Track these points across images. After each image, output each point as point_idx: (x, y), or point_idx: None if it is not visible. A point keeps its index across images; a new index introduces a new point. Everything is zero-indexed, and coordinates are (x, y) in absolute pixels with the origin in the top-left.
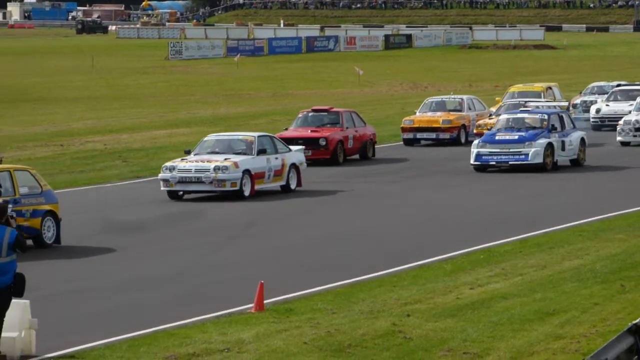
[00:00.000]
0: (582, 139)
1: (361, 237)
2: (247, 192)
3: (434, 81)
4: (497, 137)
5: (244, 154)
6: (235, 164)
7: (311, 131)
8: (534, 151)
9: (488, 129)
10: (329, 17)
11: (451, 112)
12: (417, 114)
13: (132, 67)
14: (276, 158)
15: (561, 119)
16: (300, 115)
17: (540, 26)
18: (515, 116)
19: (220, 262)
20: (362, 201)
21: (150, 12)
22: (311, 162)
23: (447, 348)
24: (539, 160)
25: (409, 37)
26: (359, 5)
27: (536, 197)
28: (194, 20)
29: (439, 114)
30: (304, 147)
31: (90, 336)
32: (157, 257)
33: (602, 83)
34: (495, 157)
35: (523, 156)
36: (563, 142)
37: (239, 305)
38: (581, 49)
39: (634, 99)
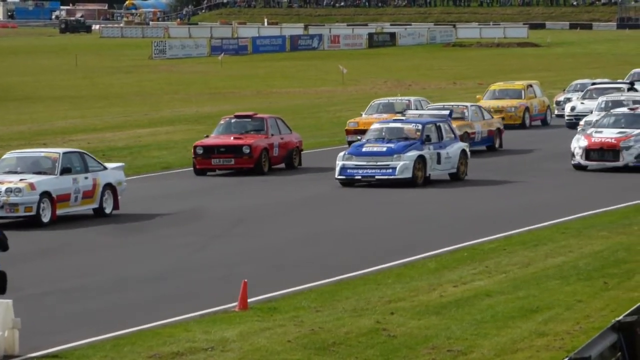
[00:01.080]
0: (463, 151)
1: (344, 235)
2: (46, 218)
3: (418, 79)
4: (364, 149)
5: (46, 173)
6: (31, 186)
7: (234, 138)
8: (402, 165)
9: None
10: (312, 15)
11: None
12: (363, 115)
13: (115, 66)
14: (86, 178)
15: (439, 129)
16: (222, 122)
17: (524, 24)
18: (387, 126)
19: (204, 261)
20: (344, 200)
21: (133, 11)
22: (234, 171)
23: (431, 346)
24: (408, 174)
25: (392, 35)
26: (342, 4)
27: (520, 195)
28: (178, 19)
29: (385, 116)
30: (123, 164)
31: (73, 335)
32: (140, 256)
33: (585, 80)
34: (361, 171)
35: (390, 170)
36: (439, 155)
37: (223, 304)
38: (565, 47)
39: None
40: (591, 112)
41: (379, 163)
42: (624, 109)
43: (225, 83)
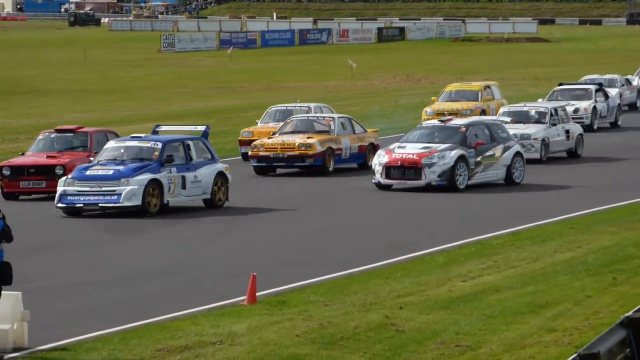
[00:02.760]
0: (221, 174)
1: (353, 230)
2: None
3: (426, 74)
4: (88, 172)
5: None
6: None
7: (47, 157)
8: (129, 190)
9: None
10: (321, 9)
11: None
12: (259, 124)
13: (124, 60)
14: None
15: (187, 148)
16: (40, 137)
17: (533, 19)
18: (124, 144)
19: (213, 254)
20: (353, 195)
21: (142, 4)
22: (46, 195)
23: (440, 340)
24: (136, 201)
25: (402, 29)
26: None
27: (527, 191)
28: (187, 13)
29: (280, 124)
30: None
31: (82, 328)
32: (149, 250)
33: (595, 76)
34: (83, 198)
35: (115, 197)
36: (184, 178)
37: (232, 297)
38: (574, 42)
39: (577, 99)
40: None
41: (103, 188)
42: (435, 121)
43: (234, 77)
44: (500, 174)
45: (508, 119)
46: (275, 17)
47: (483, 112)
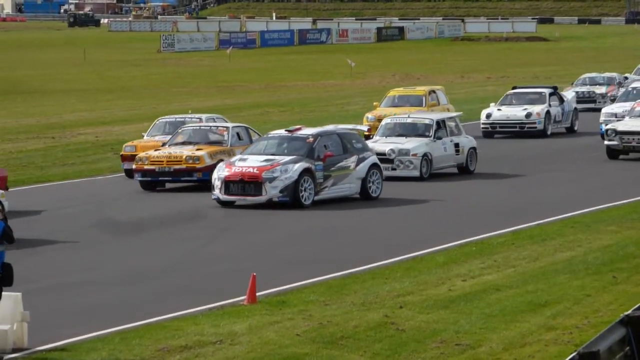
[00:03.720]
0: None
1: (353, 229)
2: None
3: (426, 73)
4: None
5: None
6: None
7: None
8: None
9: (146, 162)
10: (321, 9)
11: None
12: (145, 137)
13: (124, 60)
14: None
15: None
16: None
17: (532, 18)
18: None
19: (213, 254)
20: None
21: (142, 5)
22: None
23: (440, 339)
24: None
25: (401, 29)
26: None
27: (528, 189)
28: (186, 13)
29: (167, 138)
30: None
31: (82, 329)
32: (149, 249)
33: (593, 74)
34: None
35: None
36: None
37: (232, 297)
38: (573, 41)
39: (532, 104)
40: (507, 118)
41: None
42: (282, 131)
43: (234, 77)
44: (355, 188)
45: (365, 128)
46: (274, 17)
47: None
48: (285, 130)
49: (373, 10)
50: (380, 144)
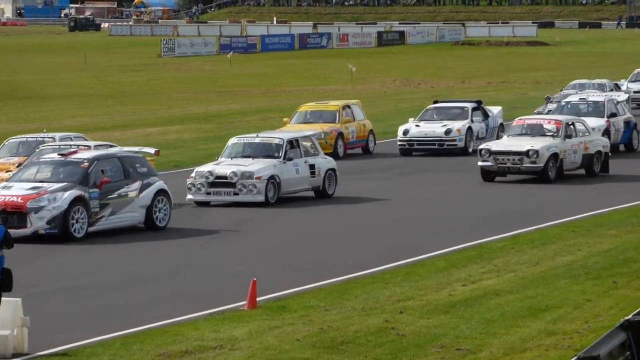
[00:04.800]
0: None
1: (353, 234)
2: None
3: (427, 78)
4: None
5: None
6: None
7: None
8: None
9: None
10: (321, 14)
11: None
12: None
13: (124, 65)
14: None
15: None
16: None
17: (533, 23)
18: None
19: (213, 259)
20: (352, 199)
21: (142, 9)
22: None
23: (440, 344)
24: None
25: (401, 33)
26: (351, 2)
27: (528, 195)
28: (187, 18)
29: (16, 159)
30: None
31: (82, 334)
32: (149, 254)
33: (583, 80)
34: None
35: None
36: None
37: (232, 302)
38: (574, 46)
39: (453, 119)
40: (425, 135)
41: None
42: (55, 155)
43: (234, 81)
44: (138, 217)
45: (152, 150)
46: (275, 22)
47: (340, 135)
48: (58, 154)
49: (374, 15)
50: (223, 166)
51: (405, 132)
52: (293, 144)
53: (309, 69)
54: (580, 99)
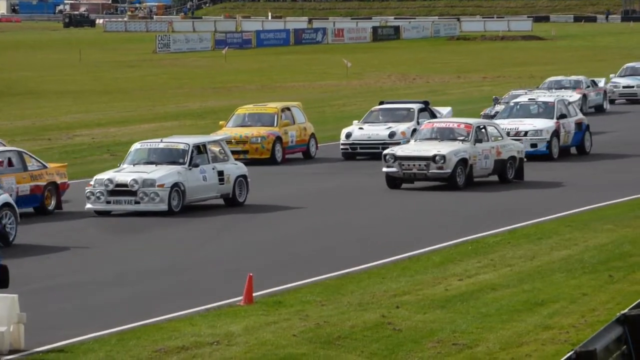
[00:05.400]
0: None
1: (349, 229)
2: None
3: (422, 73)
4: None
5: None
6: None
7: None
8: None
9: None
10: (316, 9)
11: None
12: None
13: (119, 61)
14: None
15: None
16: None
17: (528, 17)
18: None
19: (209, 255)
20: (348, 194)
21: (137, 5)
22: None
23: (437, 339)
24: None
25: (396, 28)
26: None
27: (523, 189)
28: (182, 13)
29: None
30: None
31: (79, 330)
32: (145, 251)
33: (559, 77)
34: None
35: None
36: None
37: (228, 298)
38: (569, 40)
39: (399, 121)
40: (369, 138)
41: None
42: None
43: (229, 77)
44: None
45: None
46: (270, 17)
47: (279, 139)
48: None
49: (368, 10)
50: (124, 173)
51: (348, 136)
52: (200, 149)
53: (304, 64)
54: (529, 99)
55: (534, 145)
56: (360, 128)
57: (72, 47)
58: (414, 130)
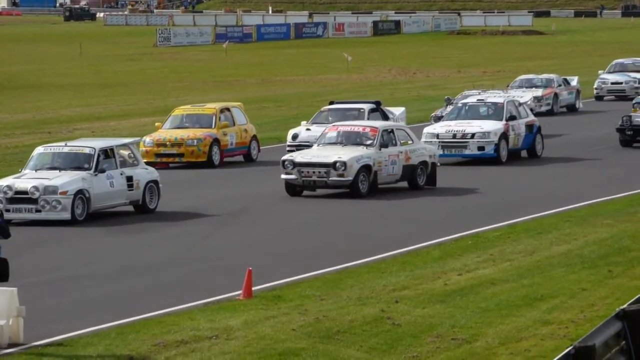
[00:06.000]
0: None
1: (348, 223)
2: None
3: (422, 67)
4: None
5: None
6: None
7: None
8: None
9: None
10: (317, 3)
11: None
12: None
13: (120, 54)
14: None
15: None
16: None
17: (529, 12)
18: None
19: (208, 249)
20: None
21: None
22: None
23: (436, 334)
24: None
25: (397, 23)
26: None
27: (523, 184)
28: (182, 7)
29: None
30: None
31: (78, 324)
32: (145, 245)
33: (530, 76)
34: None
35: None
36: None
37: (227, 292)
38: (570, 35)
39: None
40: (316, 139)
41: None
42: None
43: (230, 71)
44: None
45: None
46: (270, 11)
47: (216, 142)
48: None
49: (369, 4)
50: (24, 179)
51: (295, 137)
52: (107, 153)
53: (305, 58)
54: (478, 100)
55: (481, 149)
56: (308, 129)
57: (72, 41)
58: None
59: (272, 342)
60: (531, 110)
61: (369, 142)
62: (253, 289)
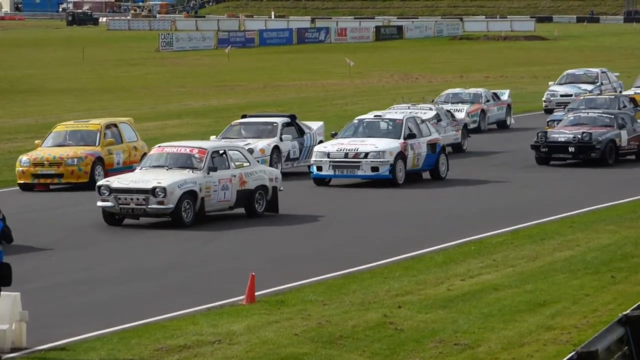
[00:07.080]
0: None
1: (351, 229)
2: None
3: (424, 72)
4: None
5: None
6: None
7: None
8: None
9: None
10: (319, 8)
11: None
12: None
13: (122, 59)
14: None
15: None
16: None
17: (531, 17)
18: None
19: (211, 254)
20: (350, 194)
21: (140, 3)
22: None
23: (438, 339)
24: None
25: (399, 28)
26: None
27: (526, 189)
28: (185, 12)
29: None
30: None
31: (80, 328)
32: (147, 249)
33: (457, 90)
34: None
35: None
36: None
37: (230, 297)
38: (572, 40)
39: (260, 137)
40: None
41: None
42: None
43: (232, 76)
44: None
45: None
46: (273, 16)
47: (100, 160)
48: None
49: (372, 9)
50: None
51: None
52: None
53: (307, 63)
54: (375, 116)
55: (375, 169)
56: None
57: (75, 45)
58: (276, 147)
59: (275, 347)
60: (465, 125)
61: (198, 164)
62: (256, 293)
